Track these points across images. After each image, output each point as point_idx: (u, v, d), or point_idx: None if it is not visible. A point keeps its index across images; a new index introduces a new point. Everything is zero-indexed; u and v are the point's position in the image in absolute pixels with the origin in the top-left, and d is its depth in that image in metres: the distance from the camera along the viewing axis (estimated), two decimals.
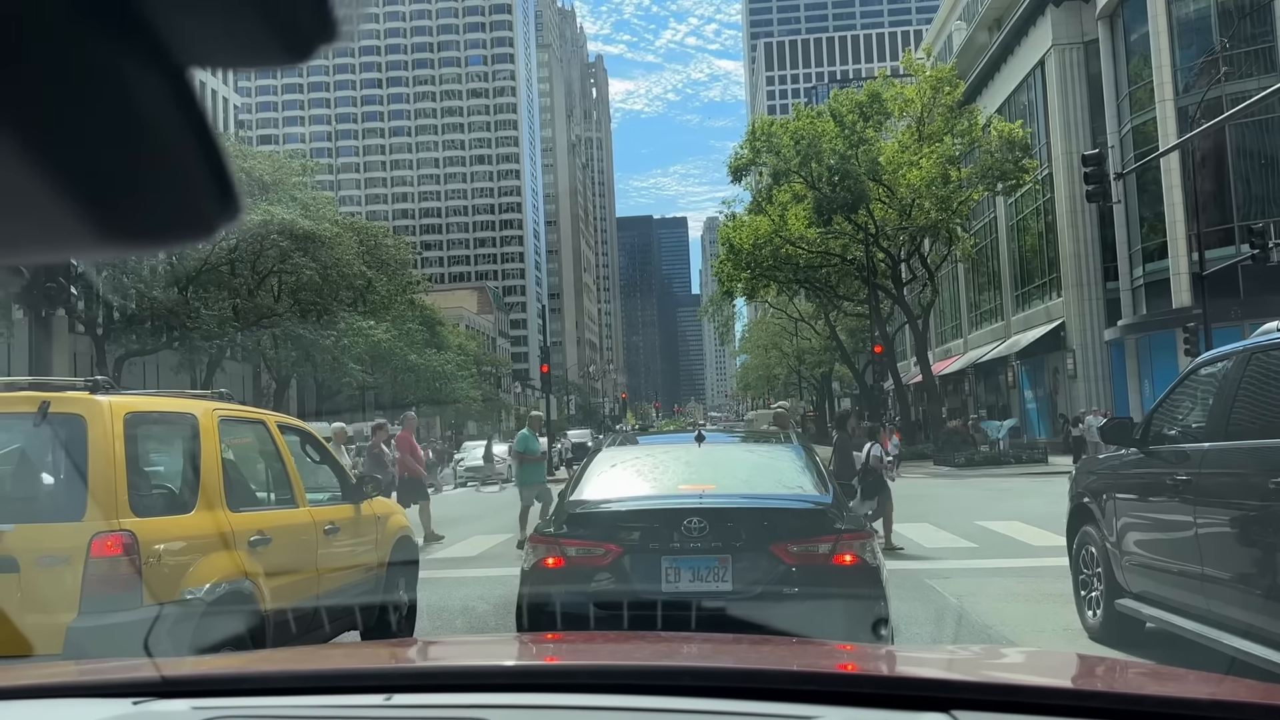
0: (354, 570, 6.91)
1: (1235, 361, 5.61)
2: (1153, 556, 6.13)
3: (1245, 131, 31.95)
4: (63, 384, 5.37)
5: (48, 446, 5.08)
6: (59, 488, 4.94)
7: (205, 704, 1.39)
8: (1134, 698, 1.53)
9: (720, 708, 1.33)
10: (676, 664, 1.70)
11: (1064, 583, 7.88)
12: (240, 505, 5.72)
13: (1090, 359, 37.94)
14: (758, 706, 1.33)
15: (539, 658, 1.97)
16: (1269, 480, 4.85)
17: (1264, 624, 4.89)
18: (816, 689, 1.43)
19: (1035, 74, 41.70)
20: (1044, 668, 2.03)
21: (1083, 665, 2.31)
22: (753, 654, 1.87)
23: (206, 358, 40.99)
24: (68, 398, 5.04)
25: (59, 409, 4.92)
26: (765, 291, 46.48)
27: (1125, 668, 2.37)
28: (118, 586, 4.63)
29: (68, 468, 4.94)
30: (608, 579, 5.31)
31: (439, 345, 65.91)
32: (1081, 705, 1.37)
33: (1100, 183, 22.02)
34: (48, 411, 4.87)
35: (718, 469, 6.32)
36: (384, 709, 1.38)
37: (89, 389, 5.14)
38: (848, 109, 37.22)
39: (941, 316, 56.15)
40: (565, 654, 1.81)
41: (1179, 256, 32.42)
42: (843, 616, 4.92)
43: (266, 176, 39.85)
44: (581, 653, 2.11)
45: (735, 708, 1.33)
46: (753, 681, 1.47)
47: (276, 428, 6.56)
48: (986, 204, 44.24)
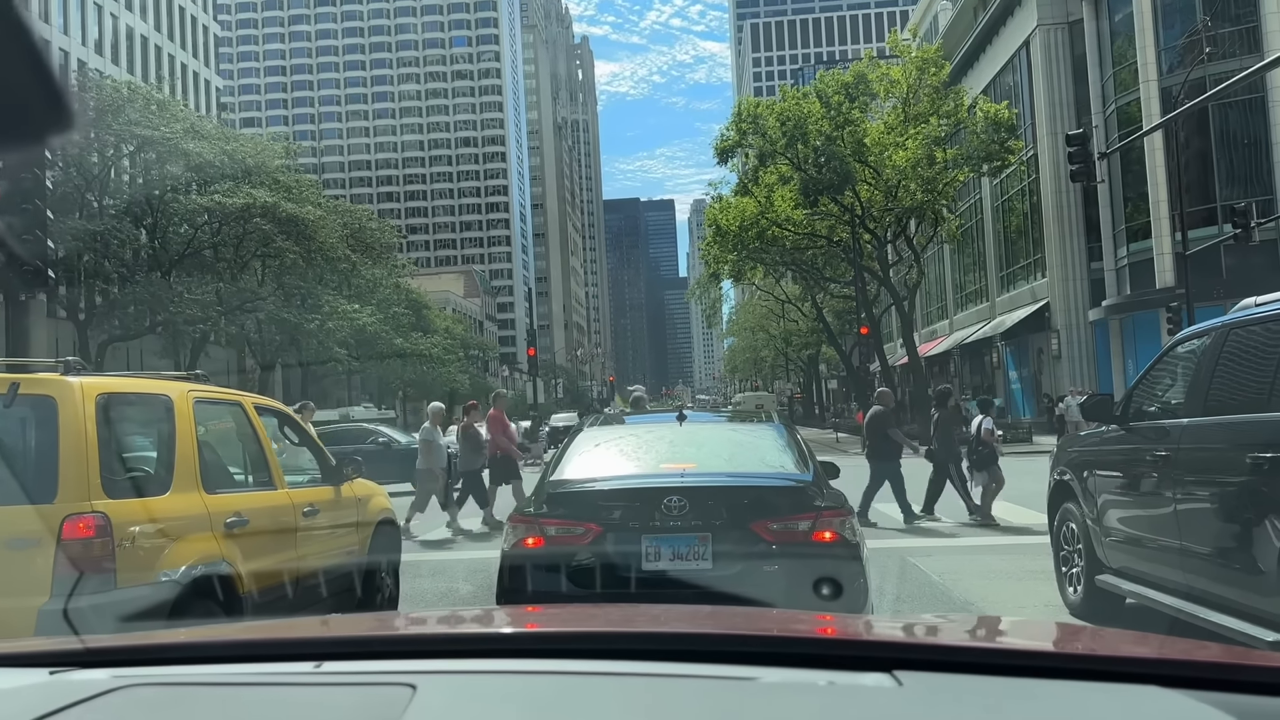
0: (334, 552, 6.86)
1: (1213, 337, 5.61)
2: (1132, 532, 6.14)
3: (1228, 112, 32.04)
4: (35, 365, 5.30)
5: (18, 428, 5.02)
6: (30, 469, 4.87)
7: (126, 673, 1.36)
8: (1076, 656, 1.52)
9: (659, 670, 1.32)
10: (614, 629, 1.68)
11: (1045, 560, 7.91)
12: (216, 487, 5.67)
13: (1074, 339, 38.11)
14: (697, 668, 1.32)
15: (474, 626, 1.95)
16: (1246, 455, 4.86)
17: (1241, 598, 4.91)
18: (760, 650, 1.41)
19: (1020, 55, 41.69)
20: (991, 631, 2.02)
21: (1029, 628, 2.31)
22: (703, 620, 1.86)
23: (190, 342, 40.73)
24: (38, 379, 4.98)
25: (29, 390, 4.85)
26: (752, 273, 46.49)
27: (1076, 631, 2.37)
28: (90, 569, 4.58)
29: (39, 449, 4.88)
30: (588, 558, 5.30)
31: (425, 329, 65.69)
32: (1021, 665, 1.36)
33: (1084, 163, 22.05)
34: (18, 393, 4.80)
35: (699, 448, 6.30)
36: (313, 676, 1.36)
37: (61, 370, 5.07)
38: (833, 90, 37.13)
39: (927, 298, 56.28)
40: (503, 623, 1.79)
41: (1162, 236, 32.56)
42: (822, 593, 4.90)
43: (249, 159, 39.52)
44: (521, 622, 2.10)
45: (674, 670, 1.31)
46: (691, 645, 1.46)
47: (253, 409, 6.50)
48: (972, 185, 44.28)
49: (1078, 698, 1.24)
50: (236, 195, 37.39)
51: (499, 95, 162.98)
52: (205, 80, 68.58)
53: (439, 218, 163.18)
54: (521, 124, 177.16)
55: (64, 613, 4.28)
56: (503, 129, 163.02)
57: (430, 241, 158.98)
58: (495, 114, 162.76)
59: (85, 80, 39.64)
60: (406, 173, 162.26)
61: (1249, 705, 1.16)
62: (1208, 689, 1.21)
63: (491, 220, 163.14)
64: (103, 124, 35.80)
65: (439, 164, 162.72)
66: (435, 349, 63.24)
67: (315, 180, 52.89)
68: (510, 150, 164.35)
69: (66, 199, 34.46)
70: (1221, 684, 1.24)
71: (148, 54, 60.34)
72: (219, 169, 37.88)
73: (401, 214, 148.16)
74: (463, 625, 2.01)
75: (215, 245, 40.45)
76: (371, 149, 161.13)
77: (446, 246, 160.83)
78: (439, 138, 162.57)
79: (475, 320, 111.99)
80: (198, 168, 37.41)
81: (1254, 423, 4.92)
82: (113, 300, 39.05)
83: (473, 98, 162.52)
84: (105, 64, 53.72)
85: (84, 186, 36.71)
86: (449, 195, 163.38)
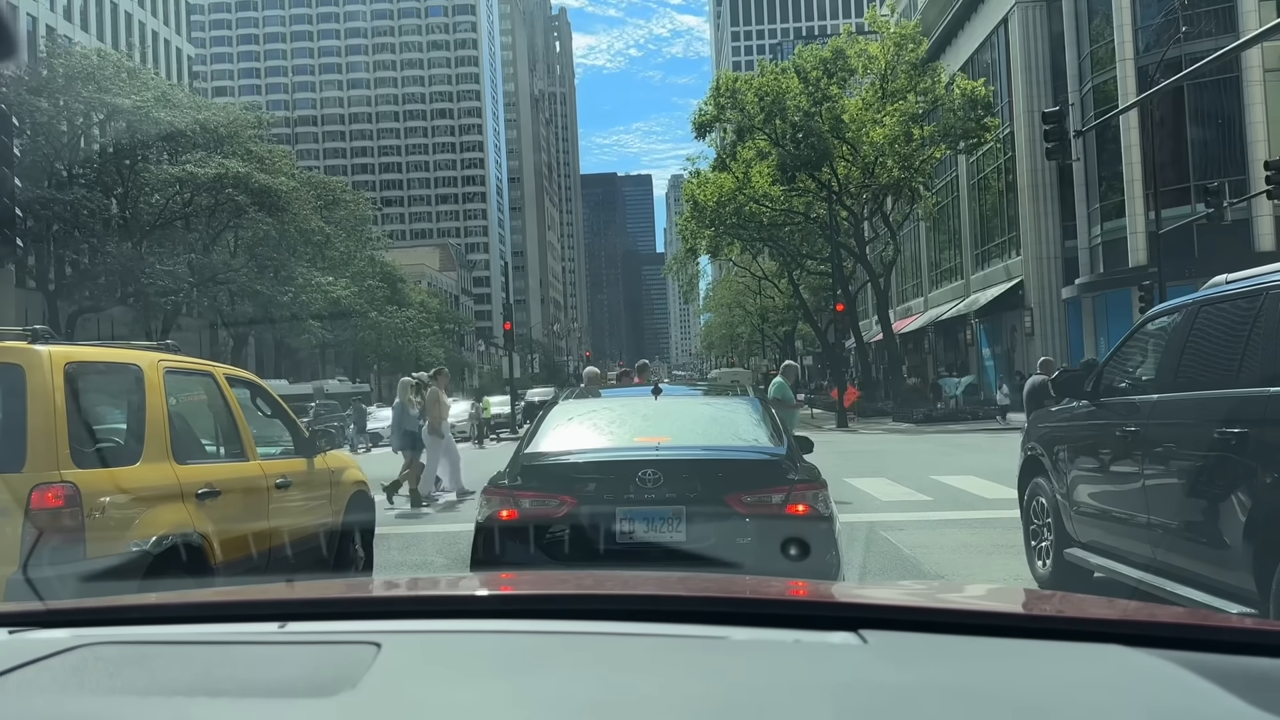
0: (307, 524, 6.84)
1: (1184, 314, 5.66)
2: (1101, 506, 6.21)
3: (1203, 91, 32.22)
4: (2, 334, 5.23)
5: None
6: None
7: (87, 632, 1.35)
8: (1038, 617, 1.54)
9: (628, 629, 1.33)
10: (583, 591, 1.68)
11: (1015, 534, 8.00)
12: (187, 457, 5.63)
13: (1048, 317, 38.41)
14: (666, 628, 1.33)
15: (441, 588, 1.96)
16: (1214, 430, 4.91)
17: (1208, 571, 4.98)
18: (729, 611, 1.43)
19: (998, 32, 41.71)
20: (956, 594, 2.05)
21: (993, 593, 2.35)
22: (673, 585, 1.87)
23: (162, 314, 40.34)
24: (6, 348, 4.91)
25: None
26: (729, 249, 46.50)
27: (1040, 595, 2.41)
28: (59, 538, 4.54)
29: (6, 418, 4.82)
30: (562, 530, 5.32)
31: (401, 302, 65.36)
32: (984, 624, 1.39)
33: (1060, 140, 22.12)
34: None
35: (674, 421, 6.32)
36: (277, 635, 1.35)
37: (28, 339, 5.01)
38: (812, 66, 37.03)
39: (903, 275, 56.49)
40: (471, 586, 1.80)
41: (1136, 215, 32.79)
42: (794, 565, 4.95)
43: (222, 129, 39.06)
44: (489, 585, 2.10)
45: (643, 629, 1.32)
46: (661, 606, 1.47)
47: (225, 380, 6.45)
48: (948, 163, 44.38)
49: (1040, 655, 1.26)
50: (209, 165, 36.97)
51: (475, 67, 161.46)
52: (177, 48, 67.55)
53: (414, 190, 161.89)
54: (498, 96, 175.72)
55: (26, 578, 4.24)
56: (479, 101, 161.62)
57: (405, 214, 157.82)
58: (472, 85, 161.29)
59: (54, 47, 38.91)
60: (381, 144, 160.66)
61: (1207, 663, 1.19)
62: (1169, 648, 1.24)
63: (468, 194, 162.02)
64: (72, 91, 35.25)
65: (414, 135, 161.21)
66: (410, 322, 62.98)
67: (289, 151, 52.33)
68: (487, 123, 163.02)
69: (35, 167, 33.93)
70: (1182, 643, 1.26)
71: (118, 21, 59.30)
72: (191, 138, 37.42)
73: (377, 186, 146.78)
74: (429, 588, 2.02)
75: (187, 216, 40.04)
76: (346, 120, 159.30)
77: (422, 220, 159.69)
78: (414, 109, 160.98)
79: (451, 294, 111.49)
80: (169, 137, 36.95)
81: (1222, 398, 4.97)
82: (83, 271, 38.60)
83: (449, 69, 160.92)
84: (75, 30, 52.76)
85: (53, 155, 36.17)
86: (425, 168, 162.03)
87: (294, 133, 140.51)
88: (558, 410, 6.50)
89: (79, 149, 38.04)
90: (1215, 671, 1.14)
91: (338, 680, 1.14)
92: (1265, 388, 4.56)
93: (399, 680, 1.16)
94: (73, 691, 1.19)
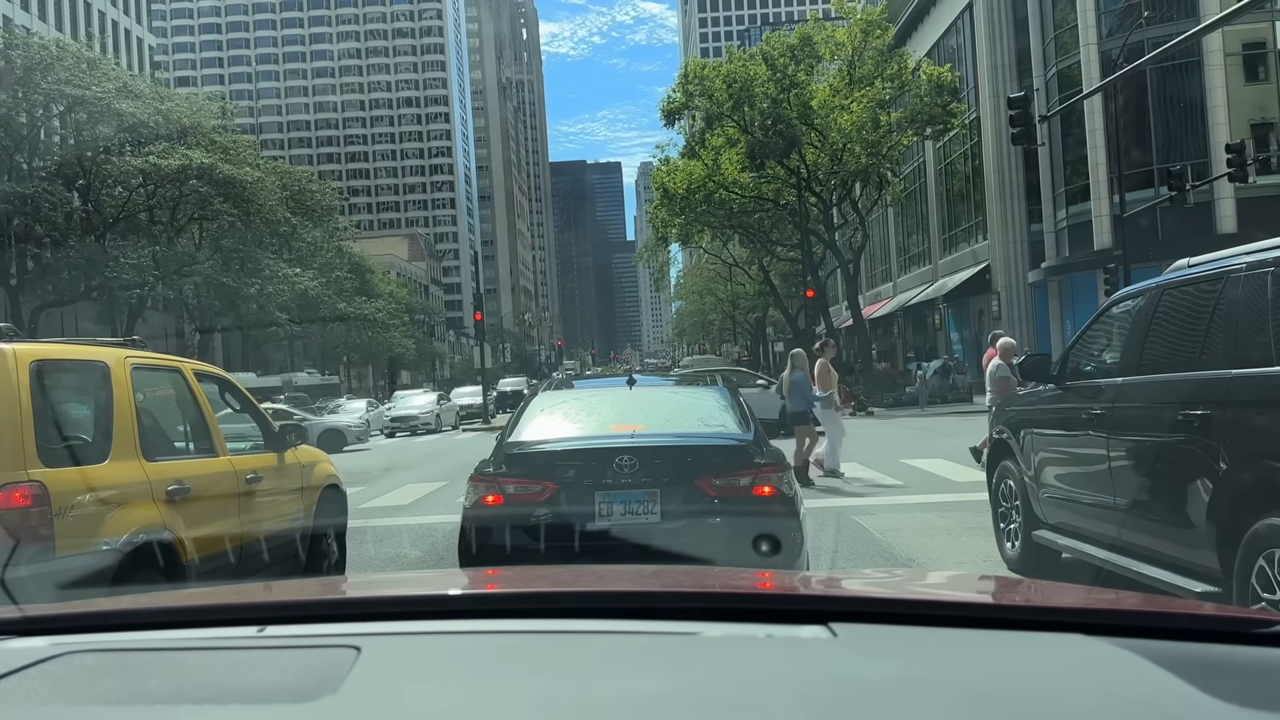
0: (279, 519, 6.81)
1: (1148, 298, 5.74)
2: (1068, 488, 6.30)
3: (1165, 76, 32.56)
4: None
5: None
6: None
7: (66, 640, 1.35)
8: (1001, 607, 1.58)
9: (604, 627, 1.35)
10: (559, 589, 1.70)
11: (985, 517, 8.09)
12: (156, 454, 5.58)
13: (1014, 300, 38.77)
14: (640, 625, 1.36)
15: (419, 588, 1.97)
16: (1178, 412, 4.99)
17: (1172, 551, 5.07)
18: (701, 606, 1.46)
19: (964, 17, 41.93)
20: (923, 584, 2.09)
21: (960, 582, 2.41)
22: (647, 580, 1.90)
23: (127, 308, 39.83)
24: None
25: None
26: (699, 237, 46.55)
27: (1005, 583, 2.46)
28: (28, 538, 4.50)
29: None
30: (545, 514, 5.64)
31: (369, 293, 64.91)
32: (950, 615, 1.42)
33: (1025, 125, 22.30)
34: None
35: (648, 410, 6.72)
36: (256, 639, 1.36)
37: None
38: (779, 53, 37.06)
39: (872, 261, 56.79)
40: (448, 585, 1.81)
41: (1100, 199, 33.14)
42: (761, 544, 5.22)
43: (185, 119, 38.48)
44: (466, 584, 2.12)
45: (618, 626, 1.35)
46: (635, 602, 1.49)
47: (193, 375, 6.40)
48: (915, 148, 44.62)
49: (1003, 646, 1.30)
50: (172, 156, 36.46)
51: (441, 54, 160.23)
52: (138, 38, 66.54)
53: (381, 179, 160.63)
54: (465, 84, 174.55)
55: (0, 582, 4.21)
56: (446, 89, 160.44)
57: (373, 204, 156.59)
58: (438, 73, 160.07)
59: (12, 38, 38.19)
60: (347, 133, 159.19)
61: (1165, 650, 1.22)
62: (1128, 636, 1.27)
63: (435, 182, 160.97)
64: (31, 83, 34.65)
65: (380, 124, 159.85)
66: (379, 313, 62.56)
67: (253, 141, 51.75)
68: (454, 111, 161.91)
69: None
70: (1141, 630, 1.30)
71: (77, 10, 58.32)
72: (153, 129, 36.87)
73: (343, 175, 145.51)
74: (407, 588, 2.03)
75: (150, 208, 39.47)
76: (311, 109, 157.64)
77: (390, 209, 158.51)
78: (380, 97, 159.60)
79: (420, 284, 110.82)
80: (131, 128, 36.39)
81: (1185, 381, 5.06)
82: (45, 265, 37.99)
83: (415, 56, 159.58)
84: (32, 20, 51.84)
85: (12, 148, 35.57)
86: (391, 157, 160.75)
87: (258, 123, 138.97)
88: (537, 401, 6.84)
89: (39, 141, 37.40)
90: (1171, 659, 1.18)
91: (318, 685, 1.15)
92: (1227, 370, 4.64)
93: (379, 684, 1.18)
94: (54, 703, 1.19)
